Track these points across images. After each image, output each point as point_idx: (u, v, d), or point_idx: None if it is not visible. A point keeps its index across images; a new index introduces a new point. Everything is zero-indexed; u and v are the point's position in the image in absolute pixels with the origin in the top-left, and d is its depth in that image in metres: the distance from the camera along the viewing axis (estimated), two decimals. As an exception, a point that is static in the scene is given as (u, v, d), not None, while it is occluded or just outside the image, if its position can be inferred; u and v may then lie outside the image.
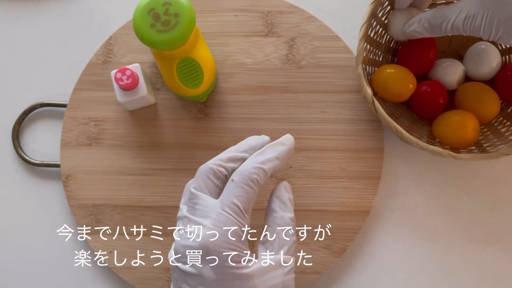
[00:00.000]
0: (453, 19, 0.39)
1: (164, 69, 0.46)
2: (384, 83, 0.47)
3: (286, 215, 0.35)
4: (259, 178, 0.34)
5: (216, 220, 0.32)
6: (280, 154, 0.35)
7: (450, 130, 0.46)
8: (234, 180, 0.33)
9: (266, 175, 0.34)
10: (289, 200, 0.36)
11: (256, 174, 0.34)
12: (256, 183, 0.34)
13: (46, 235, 0.51)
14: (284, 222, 0.35)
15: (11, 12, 0.55)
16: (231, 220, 0.32)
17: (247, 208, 0.33)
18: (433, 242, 0.49)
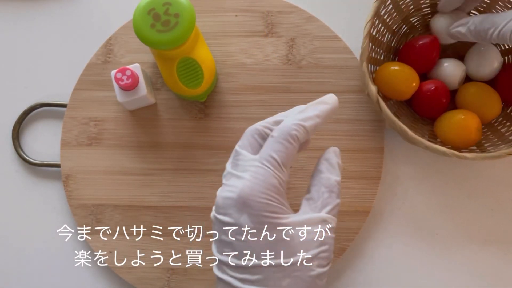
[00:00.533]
0: (501, 27, 0.39)
1: (164, 69, 0.46)
2: (387, 80, 0.46)
3: (332, 177, 0.35)
4: (298, 134, 0.34)
5: (254, 172, 0.33)
6: (322, 112, 0.35)
7: (453, 130, 0.45)
8: (273, 136, 0.34)
9: (306, 132, 0.34)
10: (337, 164, 0.36)
11: (295, 130, 0.34)
12: (295, 138, 0.34)
13: (46, 235, 0.51)
14: (330, 183, 0.35)
15: (11, 12, 0.55)
16: (268, 172, 0.32)
17: (286, 162, 0.33)
18: (433, 242, 0.49)
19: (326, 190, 0.35)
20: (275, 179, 0.33)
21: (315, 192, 0.35)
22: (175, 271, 0.48)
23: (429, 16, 0.51)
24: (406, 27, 0.51)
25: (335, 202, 0.35)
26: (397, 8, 0.49)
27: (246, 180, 0.32)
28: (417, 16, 0.51)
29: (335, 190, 0.35)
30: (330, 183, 0.35)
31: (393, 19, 0.49)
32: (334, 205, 0.35)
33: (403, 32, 0.51)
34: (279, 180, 0.33)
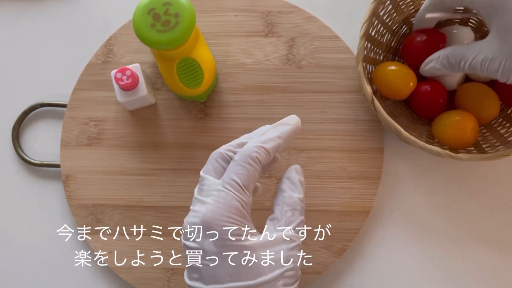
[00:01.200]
0: (470, 59, 0.40)
1: (164, 69, 0.46)
2: (385, 79, 0.47)
3: (294, 195, 0.36)
4: (259, 156, 0.34)
5: (216, 196, 0.33)
6: (283, 133, 0.36)
7: (450, 130, 0.46)
8: (235, 160, 0.35)
9: (268, 153, 0.35)
10: (299, 181, 0.37)
11: (256, 152, 0.34)
12: (256, 161, 0.34)
13: (46, 235, 0.51)
14: (293, 201, 0.36)
15: (11, 12, 0.55)
16: (230, 195, 0.33)
17: (247, 185, 0.34)
18: (433, 242, 0.49)
19: (289, 209, 0.35)
20: (237, 202, 0.33)
21: (278, 211, 0.36)
22: (175, 271, 0.48)
23: (429, 16, 0.51)
24: (406, 28, 0.51)
25: (299, 219, 0.35)
26: (397, 9, 0.49)
27: (209, 204, 0.33)
28: (417, 16, 0.51)
29: (298, 208, 0.36)
30: (292, 201, 0.36)
31: (392, 19, 0.49)
32: (297, 223, 0.35)
33: (403, 33, 0.51)
34: (241, 203, 0.33)
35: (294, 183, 0.37)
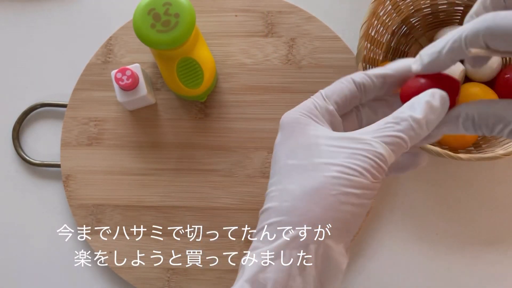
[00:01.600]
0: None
1: (164, 69, 0.46)
2: None
3: (407, 112, 0.28)
4: (354, 76, 0.31)
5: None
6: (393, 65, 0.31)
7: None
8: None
9: (370, 78, 0.31)
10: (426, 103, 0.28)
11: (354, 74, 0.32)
12: (349, 79, 0.31)
13: (46, 235, 0.51)
14: (401, 116, 0.28)
15: (11, 12, 0.55)
16: (309, 100, 0.32)
17: (330, 95, 0.31)
18: (433, 242, 0.49)
19: (389, 120, 0.28)
20: (311, 103, 0.31)
21: (377, 122, 0.29)
22: (175, 271, 0.48)
23: (430, 17, 0.51)
24: (406, 28, 0.51)
25: (394, 133, 0.27)
26: (397, 9, 0.49)
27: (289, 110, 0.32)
28: (417, 17, 0.51)
29: (401, 123, 0.28)
30: (400, 115, 0.28)
31: (392, 19, 0.49)
32: (391, 134, 0.27)
33: (403, 33, 0.51)
34: (315, 104, 0.31)
35: (413, 104, 0.28)
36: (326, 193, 0.27)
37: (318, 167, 0.28)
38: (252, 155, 0.49)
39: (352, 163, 0.27)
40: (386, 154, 0.27)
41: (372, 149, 0.27)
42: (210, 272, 0.48)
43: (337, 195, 0.27)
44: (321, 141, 0.29)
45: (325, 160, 0.28)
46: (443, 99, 0.28)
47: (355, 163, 0.27)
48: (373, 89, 0.31)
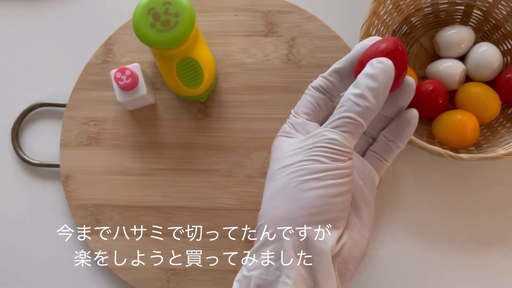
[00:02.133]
0: None
1: (164, 69, 0.46)
2: None
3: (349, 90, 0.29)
4: (313, 83, 0.34)
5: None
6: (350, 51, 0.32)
7: (450, 130, 0.45)
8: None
9: (324, 78, 0.33)
10: (365, 75, 0.29)
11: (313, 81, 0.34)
12: (309, 88, 0.34)
13: (46, 235, 0.51)
14: (344, 97, 0.30)
15: (11, 12, 0.55)
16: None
17: (297, 109, 0.34)
18: (433, 242, 0.49)
19: (340, 103, 0.30)
20: (285, 124, 0.34)
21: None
22: (175, 271, 0.48)
23: (430, 16, 0.51)
24: (406, 27, 0.51)
25: (340, 115, 0.29)
26: (397, 8, 0.49)
27: None
28: (418, 16, 0.51)
29: (346, 104, 0.29)
30: (345, 96, 0.29)
31: (393, 19, 0.49)
32: (337, 117, 0.29)
33: (404, 32, 0.51)
34: (287, 123, 0.33)
35: (356, 80, 0.29)
36: (287, 187, 0.29)
37: (282, 171, 0.30)
38: (252, 155, 0.49)
39: (308, 155, 0.29)
40: (339, 137, 0.29)
41: (323, 138, 0.29)
42: (210, 272, 0.48)
43: (296, 186, 0.29)
44: (287, 149, 0.31)
45: (287, 162, 0.30)
46: (380, 64, 0.29)
47: (311, 154, 0.29)
48: (333, 87, 0.33)
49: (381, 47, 0.30)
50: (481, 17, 0.50)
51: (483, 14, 0.49)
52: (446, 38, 0.48)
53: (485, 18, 0.49)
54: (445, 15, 0.51)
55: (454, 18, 0.51)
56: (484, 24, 0.50)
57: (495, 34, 0.49)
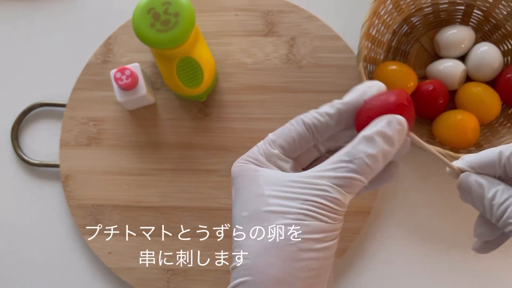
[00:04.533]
0: None
1: (164, 69, 0.46)
2: (385, 79, 0.46)
3: (361, 147, 0.27)
4: (304, 117, 0.30)
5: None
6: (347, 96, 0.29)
7: (450, 130, 0.45)
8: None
9: (319, 116, 0.29)
10: (377, 134, 0.26)
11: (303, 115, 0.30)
12: (298, 120, 0.30)
13: (46, 235, 0.51)
14: (353, 152, 0.26)
15: (11, 12, 0.55)
16: (255, 146, 0.30)
17: (275, 139, 0.29)
18: (433, 242, 0.49)
19: (345, 156, 0.26)
20: (256, 149, 0.30)
21: (331, 158, 0.27)
22: (175, 271, 0.48)
23: (431, 16, 0.51)
24: (407, 27, 0.51)
25: (349, 174, 0.26)
26: (398, 8, 0.49)
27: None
28: (418, 16, 0.51)
29: (356, 162, 0.26)
30: (353, 151, 0.26)
31: (393, 18, 0.49)
32: (345, 176, 0.26)
33: (404, 32, 0.51)
34: (259, 150, 0.29)
35: (367, 135, 0.26)
36: (284, 243, 0.26)
37: (269, 217, 0.26)
38: (252, 155, 0.49)
39: (306, 209, 0.26)
40: (342, 198, 0.26)
41: (326, 194, 0.26)
42: (210, 272, 0.48)
43: (296, 244, 0.25)
44: (268, 187, 0.27)
45: (275, 208, 0.26)
46: (399, 125, 0.26)
47: (309, 209, 0.26)
48: (327, 128, 0.29)
49: (390, 100, 0.27)
50: (482, 17, 0.49)
51: (483, 14, 0.49)
52: (446, 38, 0.48)
53: (485, 18, 0.49)
54: (446, 15, 0.51)
55: (455, 18, 0.51)
56: (484, 24, 0.50)
57: (495, 34, 0.49)
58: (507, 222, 0.26)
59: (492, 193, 0.27)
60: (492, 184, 0.27)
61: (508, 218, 0.26)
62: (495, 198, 0.26)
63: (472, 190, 0.28)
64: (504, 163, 0.27)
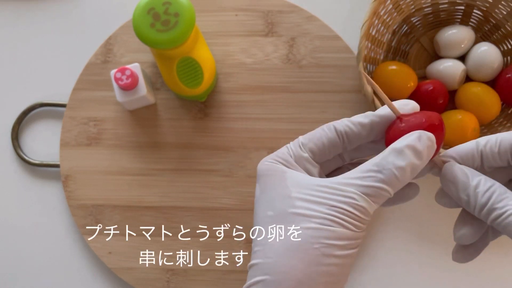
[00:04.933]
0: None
1: (164, 69, 0.46)
2: (385, 79, 0.46)
3: (391, 159, 0.27)
4: (336, 124, 0.30)
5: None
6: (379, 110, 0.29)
7: (450, 130, 0.45)
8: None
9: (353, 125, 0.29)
10: (408, 147, 0.27)
11: (336, 122, 0.30)
12: (330, 127, 0.30)
13: (46, 235, 0.51)
14: (383, 163, 0.27)
15: (11, 12, 0.55)
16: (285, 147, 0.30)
17: (306, 143, 0.30)
18: (433, 242, 0.49)
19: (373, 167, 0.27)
20: (285, 150, 0.30)
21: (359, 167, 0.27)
22: (175, 271, 0.48)
23: (430, 16, 0.51)
24: (407, 27, 0.51)
25: (377, 184, 0.26)
26: (397, 8, 0.49)
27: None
28: (418, 16, 0.51)
29: (385, 173, 0.26)
30: (383, 163, 0.27)
31: (393, 19, 0.49)
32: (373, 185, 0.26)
33: (404, 32, 0.51)
34: (289, 152, 0.30)
35: (397, 148, 0.27)
36: (308, 247, 0.26)
37: (294, 219, 0.27)
38: (252, 155, 0.49)
39: (332, 215, 0.26)
40: (368, 207, 0.27)
41: (353, 202, 0.26)
42: (210, 273, 0.48)
43: (320, 248, 0.26)
44: (297, 190, 0.27)
45: (301, 211, 0.27)
46: (429, 141, 0.27)
47: (336, 215, 0.26)
48: (358, 138, 0.29)
49: (423, 119, 0.28)
50: (481, 17, 0.50)
51: (483, 14, 0.49)
52: (446, 38, 0.48)
53: (485, 18, 0.49)
54: (445, 15, 0.51)
55: (454, 18, 0.51)
56: (484, 24, 0.50)
57: (495, 34, 0.49)
58: (492, 208, 0.26)
59: (476, 181, 0.27)
60: (475, 173, 0.28)
61: (493, 204, 0.26)
62: (479, 186, 0.27)
63: (457, 178, 0.28)
64: (481, 150, 0.28)
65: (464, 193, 0.28)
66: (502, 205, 0.26)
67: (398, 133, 0.28)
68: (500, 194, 0.26)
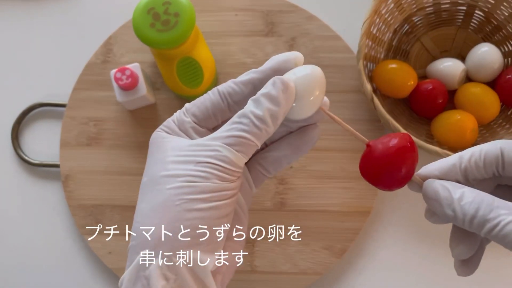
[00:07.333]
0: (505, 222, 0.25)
1: (164, 69, 0.46)
2: (385, 78, 0.46)
3: (249, 107, 0.28)
4: (220, 87, 0.30)
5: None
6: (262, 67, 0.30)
7: (449, 130, 0.45)
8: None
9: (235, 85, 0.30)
10: (262, 96, 0.28)
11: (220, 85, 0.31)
12: (214, 91, 0.30)
13: (46, 235, 0.51)
14: (243, 111, 0.28)
15: (11, 12, 0.55)
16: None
17: (190, 108, 0.30)
18: (433, 242, 0.48)
19: (236, 118, 0.28)
20: (170, 118, 0.30)
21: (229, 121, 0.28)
22: (175, 271, 0.48)
23: (432, 16, 0.51)
24: (408, 26, 0.51)
25: (238, 133, 0.27)
26: (399, 7, 0.48)
27: None
28: (419, 15, 0.50)
29: (244, 121, 0.27)
30: (244, 111, 0.28)
31: (394, 17, 0.49)
32: (234, 135, 0.27)
33: (405, 31, 0.51)
34: (173, 118, 0.30)
35: (257, 97, 0.28)
36: (170, 204, 0.27)
37: (163, 181, 0.27)
38: (252, 155, 0.49)
39: (198, 170, 0.27)
40: (233, 157, 0.27)
41: (217, 154, 0.27)
42: (210, 272, 0.48)
43: (181, 204, 0.27)
44: (170, 153, 0.28)
45: (171, 172, 0.27)
46: (282, 85, 0.28)
47: (201, 170, 0.27)
48: (242, 96, 0.30)
49: (393, 142, 0.28)
50: (483, 18, 0.49)
51: (484, 15, 0.49)
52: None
53: (486, 19, 0.49)
54: (447, 15, 0.51)
55: (456, 18, 0.51)
56: (485, 25, 0.50)
57: (496, 35, 0.49)
58: (483, 220, 0.25)
59: (460, 193, 0.26)
60: (456, 186, 0.26)
61: (484, 216, 0.25)
62: (463, 198, 0.26)
63: (439, 194, 0.27)
64: (465, 166, 0.27)
65: (450, 208, 0.27)
66: (494, 215, 0.25)
67: (368, 161, 0.28)
68: (489, 204, 0.25)
